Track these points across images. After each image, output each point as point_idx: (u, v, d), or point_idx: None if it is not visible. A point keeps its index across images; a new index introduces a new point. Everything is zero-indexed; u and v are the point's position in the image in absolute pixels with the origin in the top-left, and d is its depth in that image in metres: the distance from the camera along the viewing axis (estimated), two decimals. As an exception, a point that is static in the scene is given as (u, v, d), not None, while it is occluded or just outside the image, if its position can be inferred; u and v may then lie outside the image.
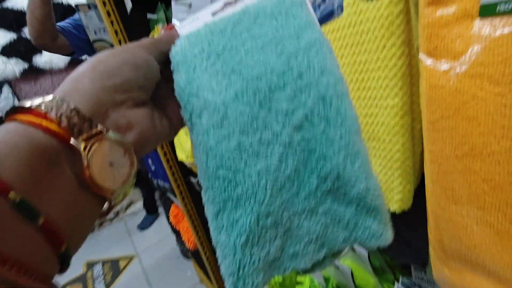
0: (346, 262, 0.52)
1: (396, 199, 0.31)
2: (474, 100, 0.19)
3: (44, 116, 0.14)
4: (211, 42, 0.21)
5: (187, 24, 0.23)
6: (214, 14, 0.23)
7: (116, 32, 0.76)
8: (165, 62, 0.21)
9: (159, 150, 0.91)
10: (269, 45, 0.20)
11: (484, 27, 0.18)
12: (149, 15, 0.74)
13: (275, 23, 0.20)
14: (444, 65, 0.20)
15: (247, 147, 0.19)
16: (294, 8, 0.21)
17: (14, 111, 0.14)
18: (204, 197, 0.21)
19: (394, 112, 0.28)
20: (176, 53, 0.21)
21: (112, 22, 0.76)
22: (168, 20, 0.69)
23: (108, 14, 0.75)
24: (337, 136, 0.20)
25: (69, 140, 0.14)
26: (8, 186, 0.12)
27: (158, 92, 0.21)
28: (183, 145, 0.81)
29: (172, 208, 1.25)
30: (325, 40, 0.21)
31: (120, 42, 0.76)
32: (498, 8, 0.17)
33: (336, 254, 0.23)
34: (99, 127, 0.16)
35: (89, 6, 0.89)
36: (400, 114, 0.27)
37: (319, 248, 0.22)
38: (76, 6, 0.89)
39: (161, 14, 0.72)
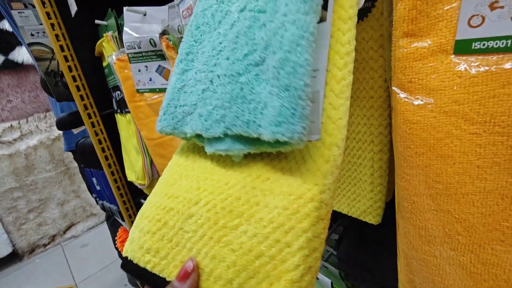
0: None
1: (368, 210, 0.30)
2: (449, 138, 0.18)
3: None
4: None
5: None
6: None
7: (57, 36, 0.67)
8: None
9: (105, 169, 0.81)
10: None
11: (460, 64, 0.17)
12: (97, 21, 0.67)
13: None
14: (418, 100, 0.19)
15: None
16: None
17: None
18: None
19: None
20: None
21: (53, 25, 0.67)
22: (120, 28, 0.63)
23: (48, 16, 0.66)
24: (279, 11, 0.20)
25: None
26: None
27: None
28: (134, 164, 0.73)
29: (120, 232, 1.12)
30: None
31: (62, 48, 0.67)
32: (473, 45, 0.17)
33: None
34: None
35: (25, 4, 0.78)
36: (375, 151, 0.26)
37: (220, 119, 0.23)
38: (9, 2, 0.77)
39: (111, 21, 0.65)
